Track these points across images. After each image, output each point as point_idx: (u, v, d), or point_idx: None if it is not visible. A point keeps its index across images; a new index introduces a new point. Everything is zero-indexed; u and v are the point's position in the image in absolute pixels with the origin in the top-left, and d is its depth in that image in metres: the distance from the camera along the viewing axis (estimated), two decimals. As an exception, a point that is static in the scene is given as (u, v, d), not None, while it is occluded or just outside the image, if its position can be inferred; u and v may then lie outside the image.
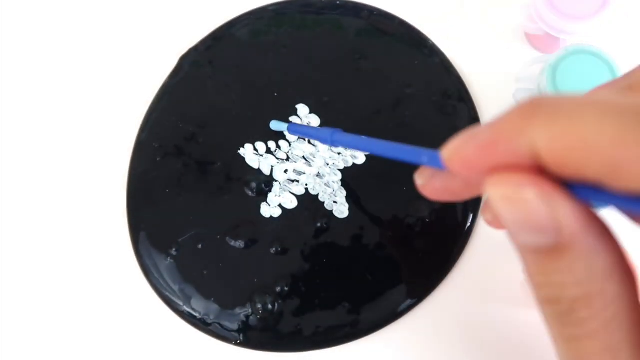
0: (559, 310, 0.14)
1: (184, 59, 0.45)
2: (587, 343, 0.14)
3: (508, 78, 0.42)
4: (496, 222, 0.16)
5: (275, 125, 0.42)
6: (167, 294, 0.41)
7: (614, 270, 0.14)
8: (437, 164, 0.18)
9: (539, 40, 0.43)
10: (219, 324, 0.40)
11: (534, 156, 0.14)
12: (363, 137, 0.25)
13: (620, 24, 0.39)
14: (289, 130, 0.41)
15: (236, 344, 0.40)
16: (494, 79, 0.43)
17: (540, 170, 0.14)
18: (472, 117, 0.42)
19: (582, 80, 0.35)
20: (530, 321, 0.38)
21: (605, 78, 0.35)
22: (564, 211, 0.13)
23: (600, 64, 0.35)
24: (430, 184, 0.19)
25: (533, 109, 0.14)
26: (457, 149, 0.15)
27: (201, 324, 0.40)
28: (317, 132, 0.35)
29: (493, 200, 0.14)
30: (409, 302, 0.40)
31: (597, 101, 0.13)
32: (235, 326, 0.40)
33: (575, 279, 0.14)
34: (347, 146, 0.29)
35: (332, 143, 0.32)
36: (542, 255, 0.14)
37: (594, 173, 0.13)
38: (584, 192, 0.13)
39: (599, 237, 0.14)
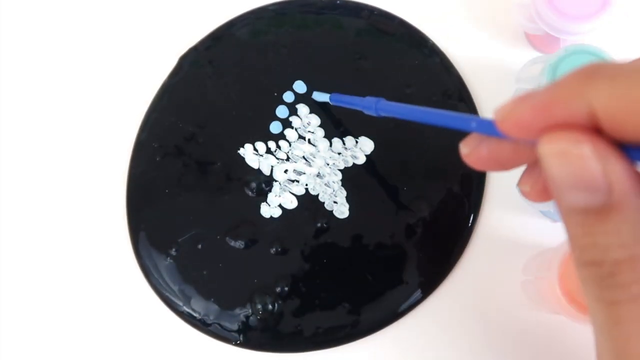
0: (601, 273, 0.14)
1: (183, 59, 0.45)
2: (628, 307, 0.14)
3: (508, 78, 0.42)
4: (533, 193, 0.16)
5: (318, 96, 0.42)
6: (167, 294, 0.41)
7: None
8: (487, 130, 0.17)
9: (539, 40, 0.43)
10: (219, 324, 0.40)
11: (591, 118, 0.14)
12: (408, 105, 0.25)
13: (620, 24, 0.39)
14: (331, 100, 0.40)
15: (236, 345, 0.40)
16: (494, 78, 0.43)
17: (596, 132, 0.14)
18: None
19: None
20: (530, 321, 0.38)
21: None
22: (617, 170, 0.13)
23: None
24: (476, 153, 0.18)
25: (593, 72, 0.14)
26: (512, 110, 0.15)
27: (201, 325, 0.40)
28: (361, 102, 0.34)
29: (547, 156, 0.14)
30: (409, 302, 0.39)
31: None
32: (235, 326, 0.40)
33: (621, 240, 0.14)
34: (392, 114, 0.28)
35: (377, 111, 0.31)
36: (589, 216, 0.14)
37: None
38: (638, 155, 0.14)
39: None
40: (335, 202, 0.41)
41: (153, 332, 0.41)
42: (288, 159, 0.43)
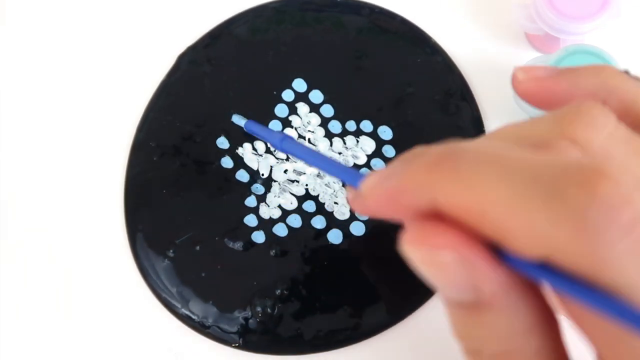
0: None
1: (182, 58, 0.45)
2: None
3: (508, 77, 0.41)
4: (357, 205, 0.16)
5: (237, 119, 0.39)
6: (165, 296, 0.40)
7: (536, 326, 0.13)
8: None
9: (539, 40, 0.42)
10: (218, 327, 0.39)
11: (437, 211, 0.13)
12: (311, 149, 0.25)
13: (620, 24, 0.39)
14: (245, 127, 0.39)
15: (235, 347, 0.39)
16: (494, 78, 0.42)
17: (457, 225, 0.13)
18: (475, 117, 0.42)
19: None
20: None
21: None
22: (482, 272, 0.13)
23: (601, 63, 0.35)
24: (527, 84, 0.18)
25: (436, 162, 0.13)
26: (371, 189, 0.15)
27: (199, 327, 0.40)
28: (269, 135, 0.33)
29: (411, 259, 0.14)
30: (412, 304, 0.39)
31: (499, 159, 0.13)
32: (234, 329, 0.39)
33: (496, 335, 0.13)
34: (293, 155, 0.28)
35: (282, 148, 0.31)
36: (464, 310, 0.14)
37: (492, 235, 0.13)
38: (507, 254, 0.13)
39: (522, 294, 0.13)
40: (336, 203, 0.41)
41: (151, 334, 0.41)
42: (287, 158, 0.42)
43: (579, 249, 0.11)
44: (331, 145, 0.42)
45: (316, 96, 0.43)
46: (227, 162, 0.42)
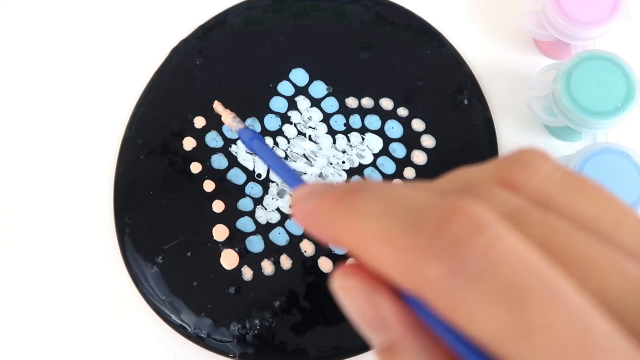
0: None
1: (175, 51, 0.42)
2: None
3: (518, 80, 0.41)
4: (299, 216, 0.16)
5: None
6: (157, 303, 0.37)
7: None
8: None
9: (549, 47, 0.41)
10: (214, 339, 0.36)
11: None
12: (275, 155, 0.23)
13: (631, 27, 0.38)
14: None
15: (233, 358, 0.36)
16: (504, 81, 0.41)
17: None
18: (487, 117, 0.39)
19: (597, 87, 0.34)
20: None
21: (620, 83, 0.34)
22: (383, 303, 0.13)
23: (615, 69, 0.34)
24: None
25: (339, 198, 0.14)
26: (296, 201, 0.15)
27: (195, 338, 0.37)
28: (244, 133, 0.31)
29: (333, 285, 0.14)
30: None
31: (391, 197, 0.13)
32: (231, 341, 0.36)
33: None
34: (257, 154, 0.26)
35: (250, 146, 0.29)
36: (380, 350, 0.14)
37: (380, 272, 0.13)
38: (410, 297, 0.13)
39: (430, 342, 0.13)
40: (340, 206, 0.38)
41: (145, 342, 0.38)
42: (287, 157, 0.39)
43: (436, 288, 0.12)
44: (335, 142, 0.39)
45: (318, 89, 0.40)
46: (220, 161, 0.39)
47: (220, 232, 0.38)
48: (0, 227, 0.41)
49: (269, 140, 0.39)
